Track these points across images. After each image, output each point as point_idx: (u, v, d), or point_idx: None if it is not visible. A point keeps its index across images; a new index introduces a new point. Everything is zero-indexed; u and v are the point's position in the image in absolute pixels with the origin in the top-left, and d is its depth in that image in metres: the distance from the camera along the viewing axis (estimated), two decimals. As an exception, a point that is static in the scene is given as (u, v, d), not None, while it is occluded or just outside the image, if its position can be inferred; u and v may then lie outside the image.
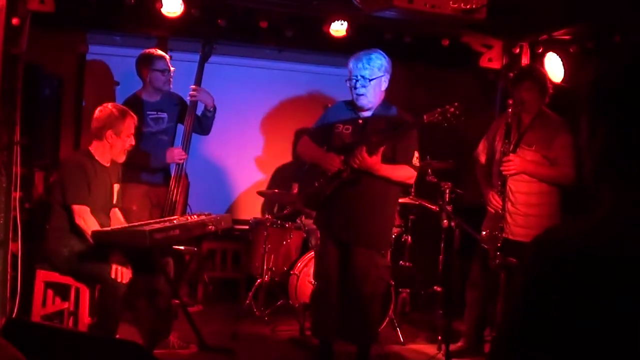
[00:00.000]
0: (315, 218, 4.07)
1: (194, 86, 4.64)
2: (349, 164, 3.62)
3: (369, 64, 3.66)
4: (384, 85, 3.73)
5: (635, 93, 1.01)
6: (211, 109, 4.69)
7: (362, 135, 3.67)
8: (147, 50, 4.63)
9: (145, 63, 4.56)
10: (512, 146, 4.01)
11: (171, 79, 4.63)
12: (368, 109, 3.76)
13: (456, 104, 3.43)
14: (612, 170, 1.05)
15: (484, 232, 4.00)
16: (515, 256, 3.84)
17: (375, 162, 3.57)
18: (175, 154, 4.56)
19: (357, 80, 3.66)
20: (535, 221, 3.98)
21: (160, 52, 4.63)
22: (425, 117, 3.51)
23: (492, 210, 4.06)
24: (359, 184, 3.65)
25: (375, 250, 3.72)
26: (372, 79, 3.65)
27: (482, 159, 4.34)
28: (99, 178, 3.91)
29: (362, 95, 3.68)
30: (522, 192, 4.02)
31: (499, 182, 4.02)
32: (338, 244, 3.76)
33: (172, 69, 4.61)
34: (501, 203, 4.00)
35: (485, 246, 3.93)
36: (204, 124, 4.73)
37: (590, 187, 1.07)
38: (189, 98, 4.66)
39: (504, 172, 3.98)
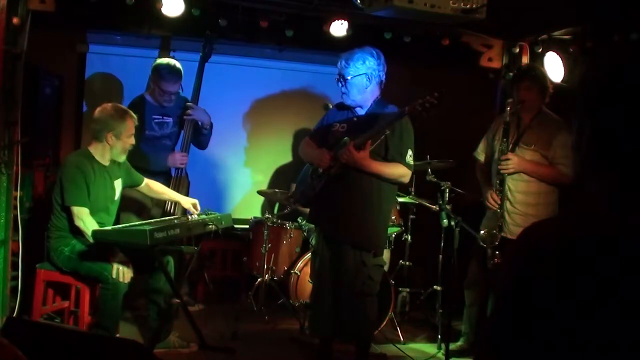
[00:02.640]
0: (308, 215, 4.08)
1: (190, 104, 4.63)
2: (337, 159, 3.63)
3: (347, 63, 3.67)
4: (368, 83, 3.68)
5: (616, 93, 1.06)
6: (207, 127, 4.68)
7: (356, 132, 3.67)
8: (164, 64, 4.53)
9: (158, 78, 4.51)
10: (511, 145, 4.02)
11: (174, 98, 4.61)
12: (358, 107, 3.77)
13: (435, 93, 3.39)
14: (596, 167, 1.09)
15: (482, 232, 4.00)
16: None
17: (362, 157, 3.55)
18: (177, 158, 4.57)
19: (338, 80, 3.71)
20: (533, 221, 3.95)
21: (176, 68, 4.49)
22: (407, 108, 3.50)
23: (491, 209, 4.07)
24: (348, 180, 3.64)
25: (364, 249, 3.66)
26: (350, 77, 3.66)
27: (482, 158, 4.35)
28: (99, 178, 3.91)
29: (344, 94, 3.72)
30: (520, 192, 4.03)
31: (498, 181, 4.02)
32: (330, 241, 3.76)
33: (180, 91, 4.56)
34: (499, 202, 4.01)
35: (484, 245, 3.93)
36: (200, 141, 4.74)
37: (578, 183, 1.11)
38: (185, 117, 4.64)
39: (502, 171, 3.98)
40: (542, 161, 4.00)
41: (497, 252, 3.88)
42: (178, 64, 4.54)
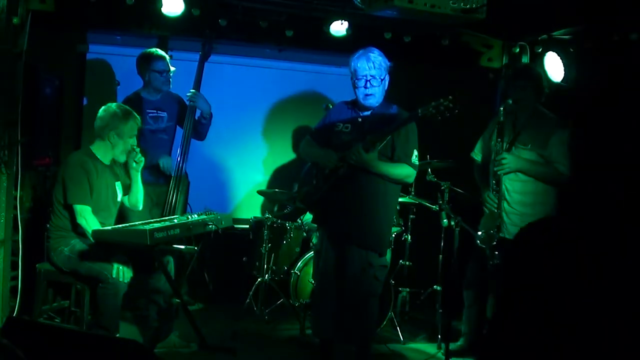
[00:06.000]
0: (313, 216, 4.08)
1: (192, 91, 4.67)
2: (345, 161, 3.63)
3: (379, 65, 3.66)
4: (387, 84, 3.74)
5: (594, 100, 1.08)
6: (207, 116, 4.71)
7: (361, 133, 3.68)
8: (147, 50, 4.66)
9: (145, 63, 4.61)
10: (507, 145, 4.02)
11: (170, 79, 4.66)
12: (371, 108, 3.77)
13: (450, 97, 3.42)
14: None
15: (480, 232, 4.01)
16: None
17: (371, 158, 3.57)
18: (169, 166, 4.64)
19: (367, 81, 3.66)
20: (531, 220, 3.97)
21: (160, 52, 4.66)
22: (420, 110, 3.52)
23: (489, 210, 4.06)
24: (356, 181, 3.65)
25: (370, 249, 3.69)
26: (383, 79, 3.68)
27: (479, 158, 4.35)
28: (101, 177, 3.92)
29: (372, 95, 3.68)
30: (517, 192, 4.03)
31: (494, 181, 4.02)
32: (335, 242, 3.76)
33: (172, 68, 4.64)
34: (497, 202, 4.00)
35: (482, 245, 3.93)
36: (199, 130, 4.77)
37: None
38: (188, 102, 4.69)
39: (498, 171, 3.98)
40: (539, 160, 4.00)
41: (496, 253, 3.88)
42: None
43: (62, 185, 3.84)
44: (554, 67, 4.64)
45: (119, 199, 4.08)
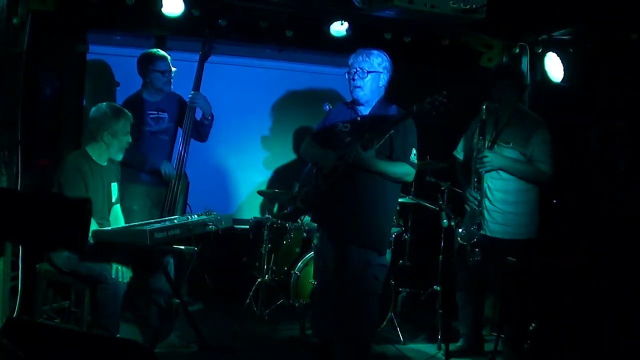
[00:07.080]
0: (312, 215, 4.08)
1: (193, 92, 4.67)
2: (344, 159, 3.63)
3: (368, 58, 3.70)
4: (382, 82, 3.74)
5: None
6: (209, 117, 4.71)
7: (360, 132, 3.68)
8: (149, 50, 4.66)
9: (147, 63, 4.60)
10: (489, 143, 4.03)
11: (171, 80, 4.66)
12: (365, 103, 3.76)
13: (444, 92, 3.43)
14: None
15: (460, 230, 4.01)
16: (492, 253, 3.86)
17: (369, 156, 3.58)
18: (168, 169, 4.60)
19: (355, 72, 3.70)
20: (512, 219, 4.00)
21: (162, 52, 4.66)
22: (415, 107, 3.52)
23: (470, 208, 4.06)
24: (355, 180, 3.65)
25: (370, 248, 3.69)
26: (370, 72, 3.68)
27: (461, 157, 4.35)
28: (96, 178, 3.92)
29: (359, 87, 3.70)
30: (499, 190, 4.04)
31: (476, 179, 4.03)
32: (335, 241, 3.76)
33: (173, 69, 4.64)
34: (478, 200, 4.01)
35: (463, 242, 3.94)
36: (201, 131, 4.76)
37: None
38: (189, 103, 4.68)
39: (480, 169, 3.99)
40: (520, 159, 4.01)
41: (477, 250, 3.89)
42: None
43: (58, 187, 3.83)
44: (554, 67, 4.64)
45: (114, 200, 4.08)
